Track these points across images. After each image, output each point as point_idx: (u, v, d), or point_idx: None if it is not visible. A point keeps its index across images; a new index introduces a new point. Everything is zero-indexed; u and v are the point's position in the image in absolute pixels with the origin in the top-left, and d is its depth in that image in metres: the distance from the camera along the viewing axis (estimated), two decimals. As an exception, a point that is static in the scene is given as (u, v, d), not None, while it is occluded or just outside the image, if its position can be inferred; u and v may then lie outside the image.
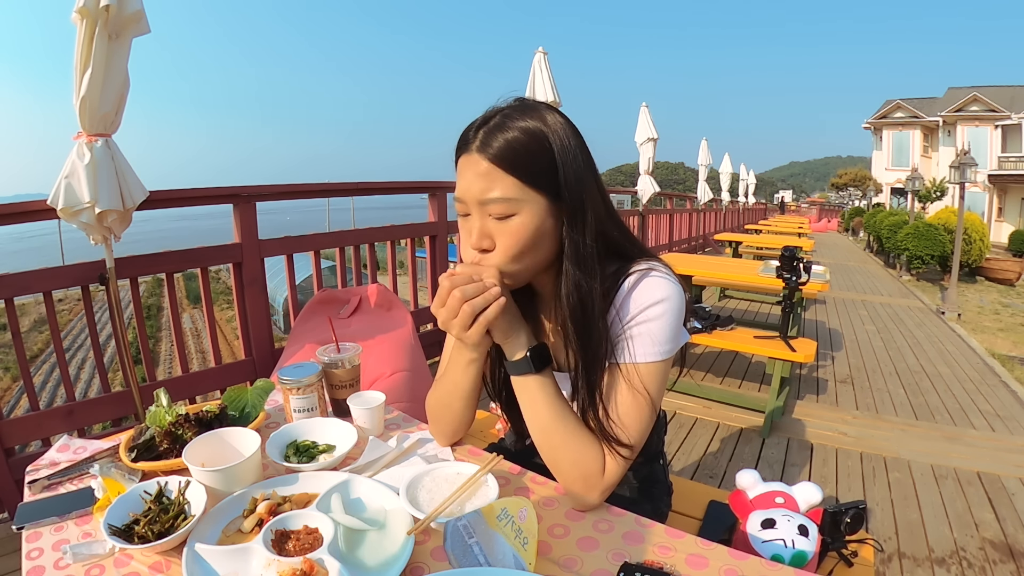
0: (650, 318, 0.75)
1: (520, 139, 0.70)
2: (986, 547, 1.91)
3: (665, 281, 0.76)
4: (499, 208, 0.70)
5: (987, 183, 22.12)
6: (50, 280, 2.02)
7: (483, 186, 0.70)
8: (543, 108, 0.74)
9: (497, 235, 0.72)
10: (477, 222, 0.73)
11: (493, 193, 0.70)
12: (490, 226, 0.72)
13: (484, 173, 0.70)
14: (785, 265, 2.80)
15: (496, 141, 0.70)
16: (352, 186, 3.22)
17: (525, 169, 0.70)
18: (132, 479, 0.80)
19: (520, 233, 0.71)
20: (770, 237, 7.74)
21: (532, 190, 0.71)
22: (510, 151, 0.70)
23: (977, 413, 3.18)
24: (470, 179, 0.72)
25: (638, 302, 0.75)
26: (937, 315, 6.38)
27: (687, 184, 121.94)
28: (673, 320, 0.76)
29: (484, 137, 0.71)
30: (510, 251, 0.72)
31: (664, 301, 0.75)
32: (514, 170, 0.70)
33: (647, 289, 0.75)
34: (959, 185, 7.40)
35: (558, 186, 0.72)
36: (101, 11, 1.68)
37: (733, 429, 2.81)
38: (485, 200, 0.71)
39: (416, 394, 2.12)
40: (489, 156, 0.70)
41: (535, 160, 0.71)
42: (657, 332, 0.75)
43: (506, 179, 0.70)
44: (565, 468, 0.76)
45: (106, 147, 1.83)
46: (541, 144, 0.71)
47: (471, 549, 0.62)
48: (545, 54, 4.17)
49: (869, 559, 0.95)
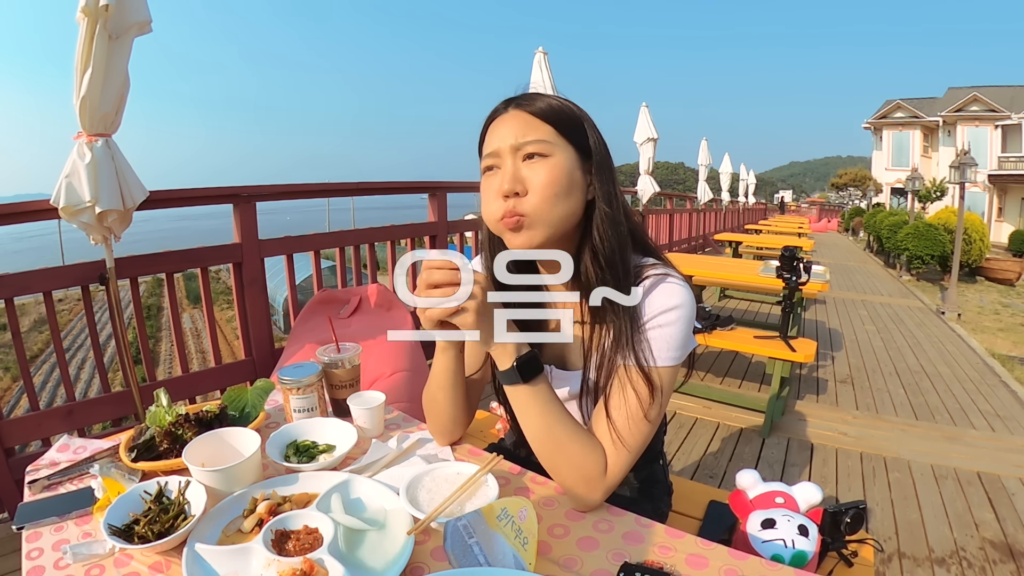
0: (665, 323, 0.77)
1: (555, 101, 0.78)
2: (986, 547, 1.91)
3: (681, 288, 0.78)
4: (535, 147, 0.75)
5: (987, 183, 22.12)
6: (50, 280, 2.02)
7: (520, 131, 0.76)
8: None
9: (531, 179, 0.75)
10: (509, 169, 0.76)
11: (529, 136, 0.75)
12: (523, 171, 0.75)
13: (522, 122, 0.76)
14: (785, 265, 2.80)
15: (533, 101, 0.78)
16: (352, 186, 3.22)
17: (561, 122, 0.77)
18: (132, 479, 0.80)
19: (555, 172, 0.75)
20: (770, 237, 7.74)
21: (565, 140, 0.77)
22: (547, 106, 0.77)
23: (977, 413, 3.18)
24: (505, 130, 0.77)
25: (655, 306, 0.77)
26: (937, 315, 6.39)
27: (687, 184, 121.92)
28: (686, 327, 0.78)
29: (521, 99, 0.79)
30: (545, 189, 0.74)
31: (679, 308, 0.77)
32: (550, 120, 0.77)
33: (664, 294, 0.77)
34: (959, 185, 7.40)
35: (588, 146, 0.79)
36: (100, 10, 1.68)
37: (733, 429, 2.81)
38: (521, 143, 0.75)
39: (416, 394, 2.12)
40: (527, 109, 0.77)
41: (569, 119, 0.78)
42: (672, 337, 0.77)
43: (543, 126, 0.76)
44: (564, 472, 0.76)
45: (106, 147, 1.83)
46: (573, 111, 0.79)
47: (471, 549, 0.62)
48: (545, 54, 4.17)
49: (869, 559, 0.95)
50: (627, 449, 0.76)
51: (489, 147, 0.78)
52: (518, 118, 0.77)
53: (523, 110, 0.77)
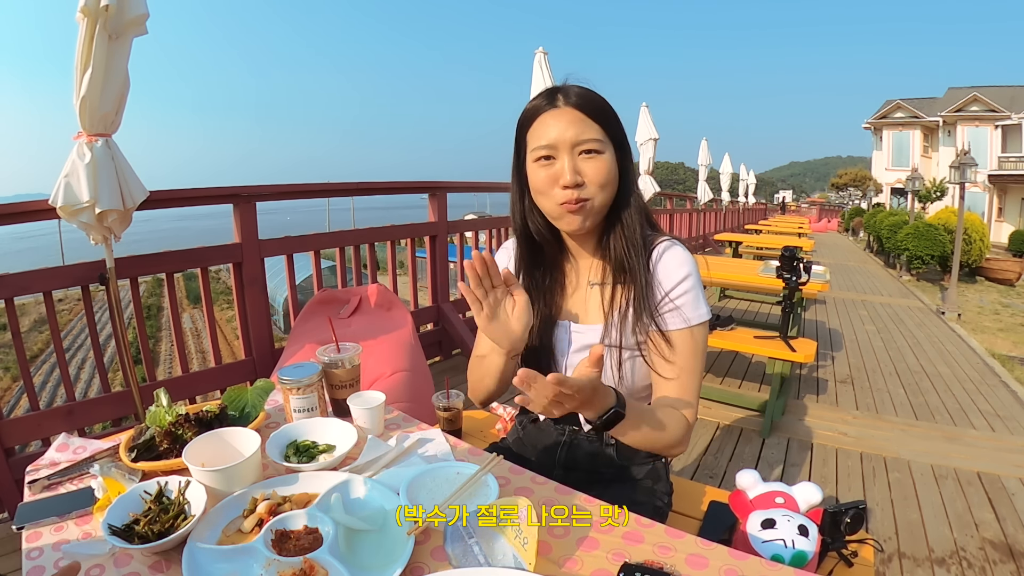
0: (688, 288, 0.91)
1: (599, 100, 0.90)
2: (986, 547, 1.91)
3: (688, 254, 0.94)
4: (593, 145, 0.87)
5: (987, 183, 22.12)
6: (50, 280, 2.02)
7: (578, 130, 0.87)
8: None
9: (587, 172, 0.88)
10: (569, 162, 0.87)
11: (586, 135, 0.87)
12: (581, 164, 0.88)
13: (578, 120, 0.87)
14: (785, 265, 2.80)
15: (587, 99, 0.89)
16: (352, 186, 3.22)
17: (607, 122, 0.90)
18: (132, 479, 0.80)
19: (608, 166, 0.88)
20: (770, 237, 7.73)
21: (609, 139, 0.90)
22: (598, 108, 0.89)
23: (977, 413, 3.18)
24: (564, 126, 0.87)
25: (672, 275, 0.91)
26: (937, 315, 6.39)
27: (687, 184, 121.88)
28: (701, 287, 0.94)
29: (575, 97, 0.88)
30: (600, 181, 0.88)
31: (693, 272, 0.92)
32: (601, 120, 0.89)
33: (678, 260, 0.92)
34: (959, 185, 7.40)
35: (623, 142, 0.92)
36: (101, 11, 1.68)
37: (733, 429, 2.81)
38: (581, 141, 0.87)
39: (416, 394, 2.12)
40: (583, 109, 0.88)
41: (613, 119, 0.91)
42: (696, 298, 0.92)
43: (595, 126, 0.88)
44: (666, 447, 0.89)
45: (106, 147, 1.83)
46: (613, 111, 0.91)
47: (471, 549, 0.62)
48: (546, 54, 4.17)
49: (869, 559, 0.95)
50: (693, 398, 0.91)
51: (545, 138, 0.88)
52: (574, 116, 0.87)
53: (579, 109, 0.87)
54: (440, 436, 0.98)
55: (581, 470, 1.03)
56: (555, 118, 0.88)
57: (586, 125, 0.87)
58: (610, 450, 1.01)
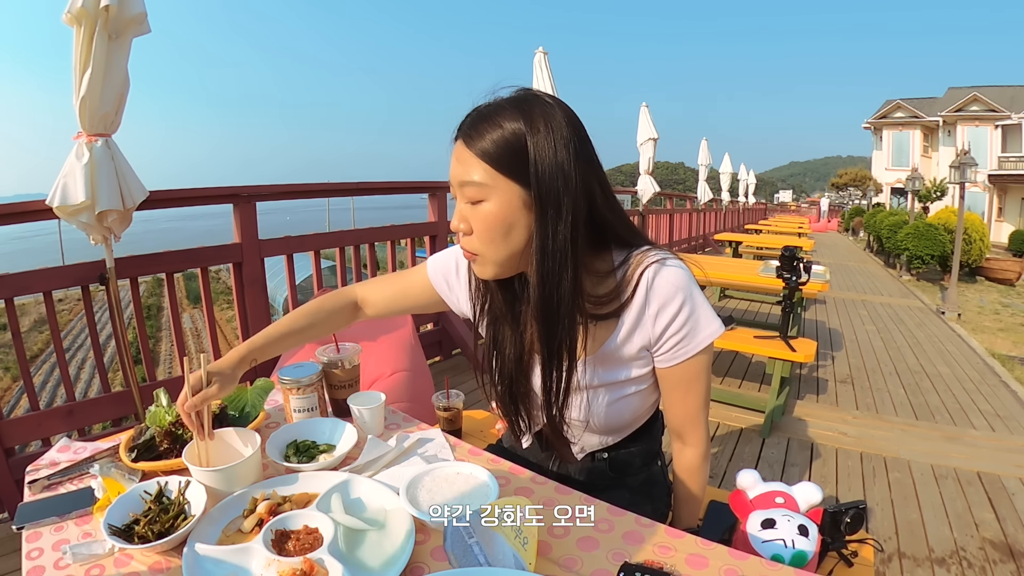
0: (689, 314, 0.80)
1: (497, 131, 0.72)
2: (986, 547, 1.91)
3: (680, 271, 0.80)
4: (472, 192, 0.74)
5: (987, 183, 22.10)
6: (50, 280, 2.02)
7: (460, 170, 0.74)
8: (534, 100, 0.74)
9: (471, 219, 0.76)
10: (458, 207, 0.77)
11: (467, 177, 0.73)
12: (466, 210, 0.76)
13: (463, 159, 0.74)
14: (785, 265, 2.80)
15: (475, 130, 0.73)
16: (352, 186, 3.22)
17: (499, 159, 0.72)
18: (132, 479, 0.80)
19: (488, 219, 0.74)
20: (770, 237, 7.74)
21: (504, 178, 0.72)
22: (486, 140, 0.72)
23: (977, 413, 3.18)
24: (453, 163, 0.76)
25: (672, 300, 0.79)
26: (937, 315, 6.38)
27: (687, 184, 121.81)
28: (703, 301, 0.82)
29: (468, 126, 0.74)
30: (482, 235, 0.75)
31: (691, 291, 0.80)
32: (487, 158, 0.72)
33: (671, 284, 0.78)
34: (959, 185, 7.40)
35: (545, 186, 0.72)
36: (101, 11, 1.68)
37: (733, 429, 2.80)
38: (461, 183, 0.74)
39: (416, 394, 2.12)
40: (468, 143, 0.73)
41: (509, 150, 0.71)
42: (698, 320, 0.81)
43: (479, 165, 0.72)
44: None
45: (106, 147, 1.82)
46: (518, 137, 0.71)
47: (471, 549, 0.62)
48: (545, 54, 4.17)
49: (869, 559, 0.95)
50: (700, 421, 0.89)
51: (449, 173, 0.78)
52: (460, 154, 0.74)
53: (465, 144, 0.74)
54: (440, 436, 0.98)
55: (574, 483, 1.01)
56: (454, 151, 0.76)
57: (469, 165, 0.73)
58: (602, 464, 0.98)
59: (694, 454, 0.92)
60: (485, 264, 0.78)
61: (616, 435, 0.95)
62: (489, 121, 0.73)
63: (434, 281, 0.99)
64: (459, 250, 0.92)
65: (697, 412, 0.88)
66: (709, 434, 0.92)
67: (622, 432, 0.95)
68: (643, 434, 0.99)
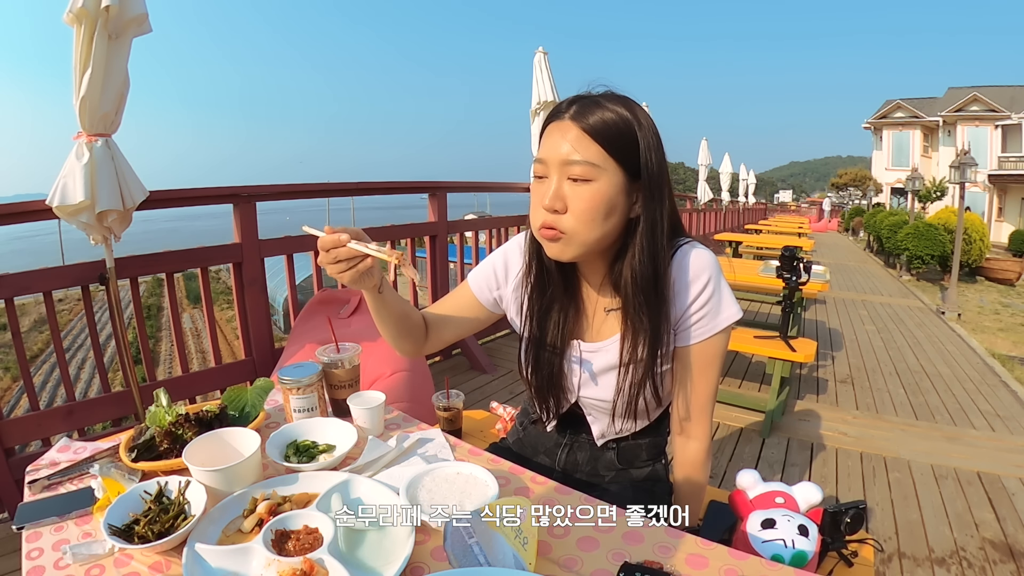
0: (710, 295, 0.83)
1: (611, 116, 0.76)
2: (986, 547, 1.91)
3: (706, 255, 0.85)
4: (580, 171, 0.75)
5: (987, 183, 22.10)
6: (50, 280, 2.02)
7: (569, 148, 0.75)
8: (631, 100, 0.81)
9: (572, 199, 0.76)
10: (554, 184, 0.77)
11: (577, 155, 0.75)
12: (566, 189, 0.76)
13: (573, 138, 0.75)
14: (785, 265, 2.80)
15: (590, 113, 0.76)
16: (352, 186, 3.21)
17: (612, 142, 0.75)
18: (132, 479, 0.80)
19: (595, 199, 0.76)
20: (770, 237, 7.73)
21: (614, 161, 0.76)
22: (601, 123, 0.75)
23: (977, 413, 3.18)
24: (557, 140, 0.77)
25: (700, 276, 0.83)
26: (937, 315, 6.38)
27: (687, 184, 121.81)
28: (725, 286, 0.86)
29: (579, 109, 0.77)
30: (583, 215, 0.76)
31: (714, 273, 0.84)
32: (602, 140, 0.75)
33: (700, 262, 0.83)
34: (959, 185, 7.40)
35: (639, 166, 0.77)
36: (101, 11, 1.68)
37: (733, 429, 2.80)
38: (568, 161, 0.75)
39: (416, 394, 2.12)
40: (581, 124, 0.75)
41: (622, 137, 0.76)
42: (719, 301, 0.84)
43: (592, 146, 0.75)
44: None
45: (106, 147, 1.82)
46: (629, 126, 0.77)
47: (471, 549, 0.62)
48: (545, 54, 4.16)
49: (869, 559, 0.95)
50: (706, 413, 0.90)
51: (541, 152, 0.79)
52: (571, 131, 0.76)
53: (577, 123, 0.75)
54: (440, 436, 0.98)
55: (581, 472, 1.02)
56: (555, 130, 0.78)
57: (581, 144, 0.75)
58: (611, 454, 1.01)
59: (698, 448, 0.92)
60: (570, 244, 0.78)
61: (635, 422, 0.96)
62: (602, 108, 0.76)
63: (477, 291, 1.01)
64: (502, 253, 0.97)
65: (705, 402, 0.89)
66: (712, 430, 0.92)
67: (640, 418, 0.96)
68: (652, 430, 1.01)
